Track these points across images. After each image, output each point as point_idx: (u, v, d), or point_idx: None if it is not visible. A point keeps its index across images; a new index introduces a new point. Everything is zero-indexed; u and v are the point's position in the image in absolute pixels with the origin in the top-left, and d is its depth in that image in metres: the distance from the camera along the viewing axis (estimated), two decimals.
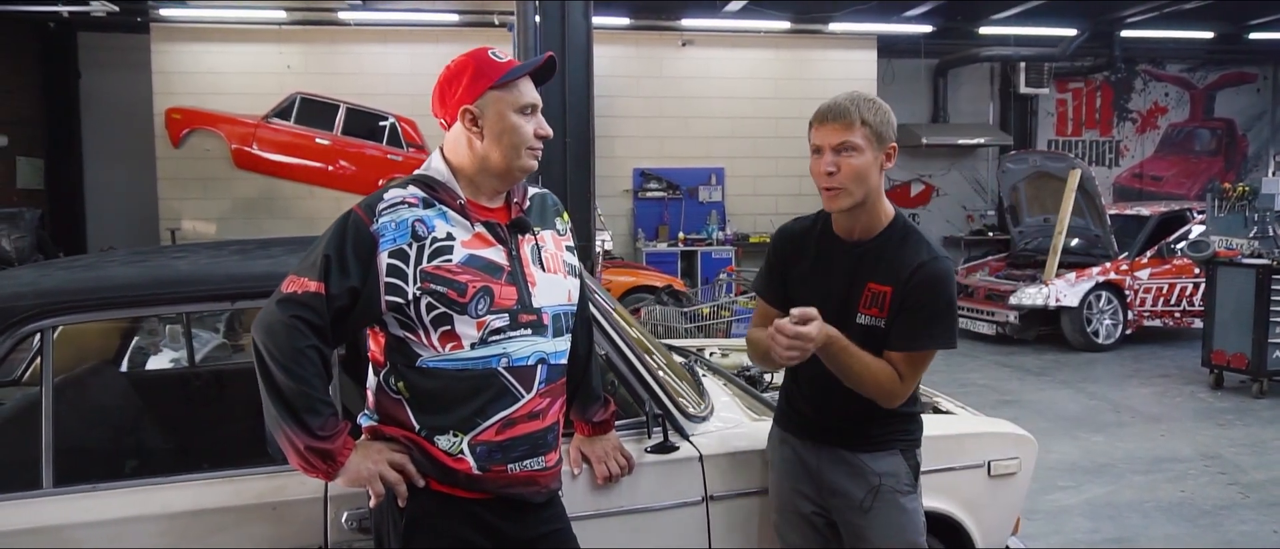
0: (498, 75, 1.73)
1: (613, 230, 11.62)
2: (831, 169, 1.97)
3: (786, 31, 12.10)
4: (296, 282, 1.68)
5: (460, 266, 1.71)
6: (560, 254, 1.90)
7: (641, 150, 11.97)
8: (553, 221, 1.93)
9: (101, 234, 11.82)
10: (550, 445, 1.83)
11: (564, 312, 1.86)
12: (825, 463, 2.14)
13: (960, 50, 13.22)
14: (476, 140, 1.76)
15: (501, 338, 1.73)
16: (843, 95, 2.00)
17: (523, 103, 1.76)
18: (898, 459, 2.12)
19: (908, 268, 1.99)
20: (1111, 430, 5.95)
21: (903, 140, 13.50)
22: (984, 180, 14.07)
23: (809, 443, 2.17)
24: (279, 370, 1.63)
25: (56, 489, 1.98)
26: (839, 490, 2.12)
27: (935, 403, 3.16)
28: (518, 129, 1.75)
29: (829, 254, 2.11)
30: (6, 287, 2.08)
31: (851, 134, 1.95)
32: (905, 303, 1.98)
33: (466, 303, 1.70)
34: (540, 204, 1.93)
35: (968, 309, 9.60)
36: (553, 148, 6.14)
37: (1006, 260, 10.36)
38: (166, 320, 3.95)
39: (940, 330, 2.00)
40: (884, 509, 2.08)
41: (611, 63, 11.84)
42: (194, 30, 10.83)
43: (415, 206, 1.73)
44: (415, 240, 1.70)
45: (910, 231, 2.07)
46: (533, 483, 1.80)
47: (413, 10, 11.05)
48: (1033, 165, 9.84)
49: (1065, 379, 7.59)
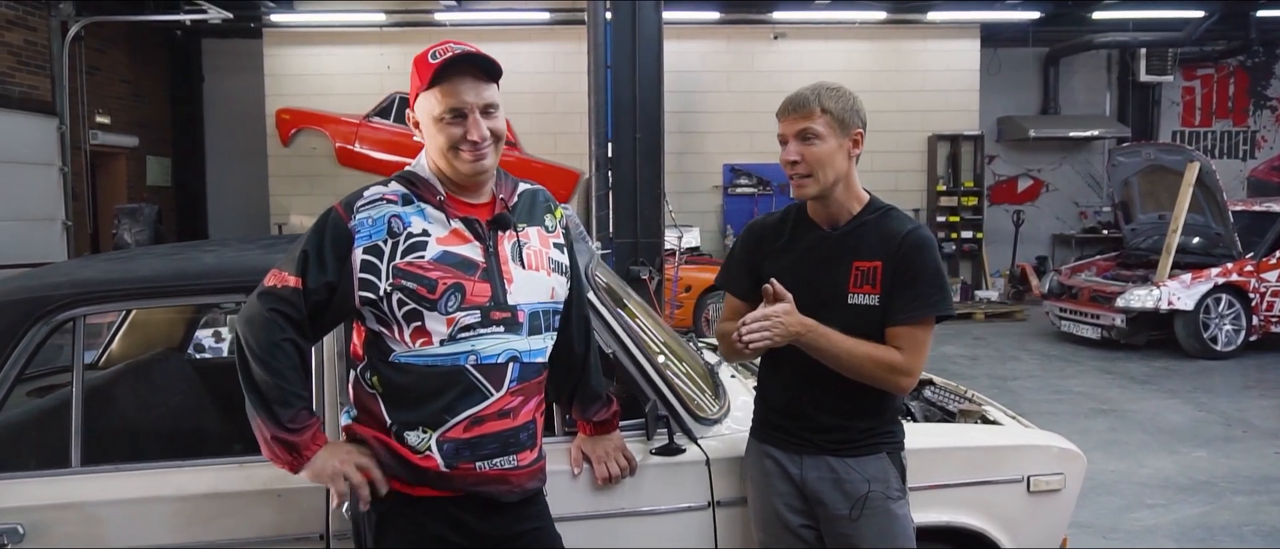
0: (423, 79, 1.72)
1: (701, 227, 11.56)
2: (795, 158, 1.99)
3: (883, 22, 11.75)
4: (277, 275, 1.72)
5: (432, 263, 1.71)
6: (545, 251, 1.87)
7: (732, 146, 11.85)
8: (541, 219, 1.91)
9: (221, 229, 12.63)
10: (523, 444, 1.81)
11: (544, 309, 1.83)
12: (810, 472, 2.06)
13: (1072, 37, 12.51)
14: (425, 143, 1.79)
15: (471, 335, 1.72)
16: (806, 86, 2.01)
17: (442, 108, 1.71)
18: (885, 462, 2.04)
19: (894, 238, 1.98)
20: (1218, 445, 5.49)
21: (1008, 132, 12.91)
22: (1099, 175, 13.26)
23: (791, 453, 2.08)
24: (255, 361, 1.68)
25: (83, 468, 2.10)
26: (825, 499, 2.04)
27: (983, 412, 2.97)
28: (438, 133, 1.73)
29: (807, 243, 2.07)
30: (48, 277, 2.22)
31: (812, 121, 1.97)
32: (898, 273, 1.96)
33: (436, 300, 1.70)
34: (529, 200, 1.91)
35: (1071, 311, 9.09)
36: (623, 145, 6.16)
37: (1117, 260, 9.73)
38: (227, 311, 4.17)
39: (938, 296, 1.97)
40: (873, 517, 2.00)
41: (701, 58, 11.79)
42: (302, 34, 11.40)
43: (394, 203, 1.74)
44: (391, 236, 1.71)
45: (889, 209, 2.07)
46: (504, 481, 1.79)
47: (505, 10, 11.30)
48: (1146, 158, 9.20)
49: (1173, 388, 7.06)
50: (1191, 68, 13.36)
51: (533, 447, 1.85)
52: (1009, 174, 13.40)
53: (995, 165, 13.24)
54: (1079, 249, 12.92)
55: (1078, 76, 13.35)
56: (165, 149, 12.32)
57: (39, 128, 9.46)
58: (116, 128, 10.93)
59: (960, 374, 7.60)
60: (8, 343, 2.08)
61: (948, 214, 12.00)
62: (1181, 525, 4.20)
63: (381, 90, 11.24)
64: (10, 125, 8.99)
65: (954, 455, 2.46)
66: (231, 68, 12.34)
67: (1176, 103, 13.58)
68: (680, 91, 11.52)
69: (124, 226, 8.43)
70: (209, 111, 12.72)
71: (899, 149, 12.00)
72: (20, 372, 2.11)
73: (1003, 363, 8.24)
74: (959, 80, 12.04)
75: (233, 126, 12.40)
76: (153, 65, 12.02)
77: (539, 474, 1.88)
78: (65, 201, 9.75)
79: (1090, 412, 6.31)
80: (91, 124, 10.32)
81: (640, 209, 6.14)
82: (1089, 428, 5.88)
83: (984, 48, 12.12)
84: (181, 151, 12.54)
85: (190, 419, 3.14)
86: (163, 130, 12.28)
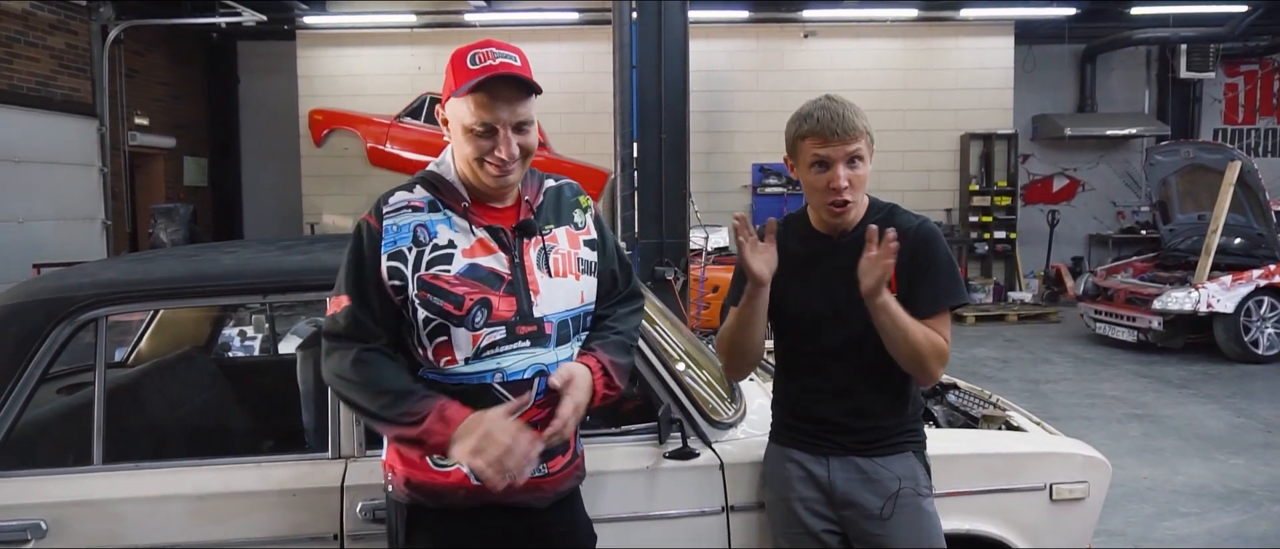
0: (458, 84, 1.66)
1: (730, 226, 11.50)
2: (845, 183, 1.92)
3: (915, 20, 11.61)
4: (333, 304, 1.73)
5: (458, 278, 1.67)
6: (574, 252, 1.81)
7: (761, 145, 11.77)
8: (570, 215, 1.85)
9: (256, 228, 12.83)
10: (555, 451, 1.77)
11: (572, 317, 1.79)
12: (837, 474, 2.03)
13: (1110, 33, 12.26)
14: (452, 143, 1.75)
15: (496, 352, 1.69)
16: (829, 103, 1.94)
17: (473, 119, 1.65)
18: (912, 461, 2.04)
19: (905, 236, 1.94)
20: (1257, 453, 5.35)
21: (1044, 131, 12.70)
22: (1137, 174, 12.97)
23: (817, 455, 2.06)
24: (346, 394, 1.69)
25: (104, 466, 2.14)
26: (857, 500, 2.01)
27: (1007, 418, 2.92)
28: (465, 143, 1.67)
29: (814, 253, 2.03)
30: (71, 278, 2.26)
31: (859, 143, 1.92)
32: (914, 268, 1.96)
33: (464, 316, 1.66)
34: (555, 198, 1.84)
35: (1106, 313, 8.91)
36: (648, 145, 6.16)
37: (1154, 261, 9.53)
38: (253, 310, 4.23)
39: (955, 285, 1.99)
40: (904, 514, 1.99)
41: (730, 57, 11.73)
42: (334, 36, 11.53)
43: (420, 210, 1.71)
44: (416, 245, 1.68)
45: (892, 207, 2.07)
46: (536, 490, 1.77)
47: (535, 10, 11.34)
48: (1185, 157, 8.99)
49: (1212, 393, 6.89)
50: (1234, 64, 13.03)
51: (566, 451, 1.82)
52: (1044, 173, 13.17)
53: (1030, 164, 13.03)
54: (1116, 250, 12.67)
55: (1115, 74, 13.08)
56: (202, 149, 12.55)
57: (80, 129, 9.69)
58: (155, 129, 11.16)
59: (991, 377, 7.48)
60: (32, 342, 2.12)
61: (980, 214, 11.83)
62: (1216, 535, 4.09)
63: (412, 91, 11.34)
64: (52, 127, 9.22)
65: (974, 462, 2.42)
66: (266, 69, 12.54)
67: (1218, 100, 13.26)
68: (709, 91, 11.49)
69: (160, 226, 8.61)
70: (244, 112, 12.93)
71: (930, 148, 11.85)
72: (45, 371, 2.16)
73: (1035, 365, 8.10)
74: (992, 78, 11.86)
75: (267, 127, 12.59)
76: (190, 67, 12.25)
77: (574, 475, 1.86)
78: (105, 201, 9.98)
79: (1124, 416, 6.18)
80: (130, 125, 10.55)
81: (665, 209, 6.13)
82: (1122, 433, 5.76)
83: (1018, 45, 11.91)
84: (218, 152, 12.77)
85: (213, 418, 3.18)
86: (199, 131, 12.51)
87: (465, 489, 1.71)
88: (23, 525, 2.04)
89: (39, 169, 8.95)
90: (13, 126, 8.62)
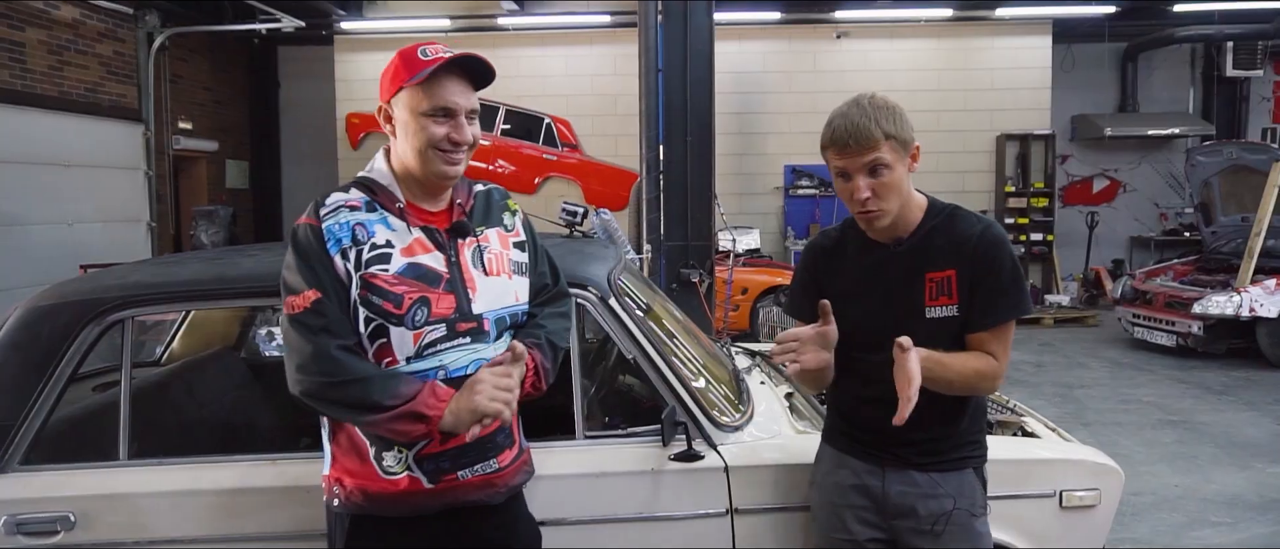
0: (412, 73, 1.68)
1: (762, 228, 11.48)
2: (867, 194, 1.85)
3: (949, 19, 11.48)
4: (295, 300, 1.66)
5: (396, 277, 1.68)
6: (506, 253, 1.85)
7: (793, 147, 11.74)
8: (500, 218, 1.89)
9: None
10: (501, 446, 1.81)
11: (509, 314, 1.82)
12: (893, 485, 1.99)
13: (1153, 31, 12.00)
14: (394, 140, 1.76)
15: (436, 350, 1.71)
16: (851, 109, 1.85)
17: (430, 105, 1.68)
18: (971, 477, 1.99)
19: (967, 242, 1.88)
20: None
21: (1083, 132, 12.47)
22: (1180, 175, 12.66)
23: (873, 464, 2.02)
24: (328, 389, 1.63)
25: (129, 461, 2.23)
26: (909, 512, 1.98)
27: (1022, 423, 2.90)
28: (421, 130, 1.69)
29: (872, 262, 1.97)
30: (101, 280, 2.36)
31: (878, 151, 1.82)
32: (976, 278, 1.87)
33: (403, 315, 1.67)
34: (484, 201, 1.89)
35: (1144, 317, 8.73)
36: (674, 148, 6.18)
37: (1196, 264, 9.31)
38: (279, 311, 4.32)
39: (1019, 296, 1.89)
40: (954, 533, 1.95)
41: (763, 58, 11.71)
42: (370, 40, 11.73)
43: (357, 210, 1.71)
44: (355, 244, 1.68)
45: (954, 210, 1.96)
46: (489, 486, 1.80)
47: (567, 13, 11.42)
48: (1228, 158, 8.79)
49: (1252, 400, 6.72)
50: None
51: (512, 444, 1.85)
52: (1083, 174, 12.93)
53: (1069, 165, 12.81)
54: (1159, 252, 12.41)
55: (1158, 72, 12.80)
56: (244, 153, 12.85)
57: (126, 134, 9.99)
58: (198, 133, 11.45)
59: (1024, 381, 7.38)
60: (62, 342, 2.22)
61: (1016, 215, 11.65)
62: (1247, 545, 4.01)
63: None
64: (100, 132, 9.53)
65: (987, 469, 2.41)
66: (305, 74, 12.80)
67: (1266, 98, 12.91)
68: (741, 92, 11.48)
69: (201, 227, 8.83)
70: (284, 116, 13.21)
71: (966, 149, 11.70)
72: (75, 369, 2.25)
73: (1070, 370, 7.97)
74: (1029, 78, 11.68)
75: (306, 131, 12.85)
76: (232, 73, 12.55)
77: (523, 468, 1.90)
78: (150, 204, 10.28)
79: (1158, 422, 6.06)
80: (175, 130, 10.85)
81: (691, 212, 6.14)
82: (1155, 440, 5.66)
83: (1056, 44, 11.72)
84: (259, 155, 13.06)
85: (240, 415, 3.28)
86: (241, 135, 12.81)
87: (422, 492, 1.72)
88: (53, 517, 2.14)
89: (87, 173, 9.25)
90: (63, 132, 8.93)
